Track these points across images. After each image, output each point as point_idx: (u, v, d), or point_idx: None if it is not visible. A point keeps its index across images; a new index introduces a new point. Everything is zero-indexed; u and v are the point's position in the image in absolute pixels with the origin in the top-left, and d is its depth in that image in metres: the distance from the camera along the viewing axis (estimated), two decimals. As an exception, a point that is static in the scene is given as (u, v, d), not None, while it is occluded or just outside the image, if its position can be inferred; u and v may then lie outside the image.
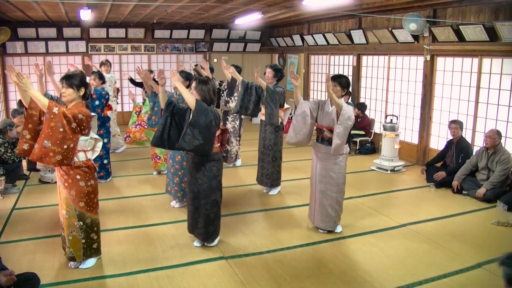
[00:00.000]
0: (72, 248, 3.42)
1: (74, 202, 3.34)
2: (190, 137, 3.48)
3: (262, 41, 11.81)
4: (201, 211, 3.77)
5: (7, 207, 4.94)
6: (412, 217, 4.65)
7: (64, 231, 3.43)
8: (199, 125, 3.48)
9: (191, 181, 3.78)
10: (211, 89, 3.65)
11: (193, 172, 3.74)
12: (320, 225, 4.21)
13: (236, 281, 3.33)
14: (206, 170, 3.70)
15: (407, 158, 7.10)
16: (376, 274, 3.44)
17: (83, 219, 3.38)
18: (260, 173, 5.46)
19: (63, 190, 3.35)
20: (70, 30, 9.97)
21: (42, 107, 3.08)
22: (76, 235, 3.40)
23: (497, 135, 5.21)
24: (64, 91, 3.25)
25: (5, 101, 9.67)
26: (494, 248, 3.91)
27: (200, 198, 3.75)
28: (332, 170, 4.06)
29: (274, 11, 7.42)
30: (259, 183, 5.54)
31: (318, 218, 4.19)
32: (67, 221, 3.37)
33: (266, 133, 5.30)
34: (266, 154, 5.34)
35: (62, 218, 3.41)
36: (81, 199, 3.34)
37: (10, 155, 5.41)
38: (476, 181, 5.37)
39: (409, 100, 7.23)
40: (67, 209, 3.36)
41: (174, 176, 4.86)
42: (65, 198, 3.35)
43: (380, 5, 6.68)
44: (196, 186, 3.73)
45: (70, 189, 3.32)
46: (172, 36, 10.83)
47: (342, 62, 9.07)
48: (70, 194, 3.33)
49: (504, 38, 5.36)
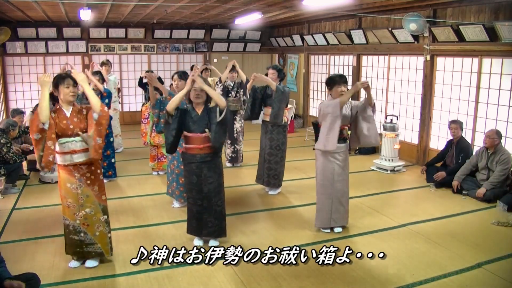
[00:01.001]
0: (100, 244, 3.46)
1: (97, 197, 3.43)
2: (219, 134, 3.64)
3: (262, 41, 11.81)
4: (212, 209, 3.81)
5: (7, 207, 4.94)
6: (412, 217, 4.65)
7: (87, 231, 3.41)
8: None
9: (199, 182, 3.77)
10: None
11: (203, 172, 3.75)
12: (343, 223, 4.28)
13: (236, 281, 3.33)
14: (216, 167, 3.79)
15: (407, 158, 7.10)
16: (376, 274, 3.44)
17: (106, 212, 3.50)
18: (266, 174, 5.41)
19: (85, 189, 3.36)
20: (70, 30, 9.97)
21: (94, 104, 3.26)
22: (103, 230, 3.47)
23: (496, 135, 5.21)
24: (73, 90, 3.33)
25: (5, 101, 9.67)
26: (494, 248, 3.91)
27: (211, 197, 3.79)
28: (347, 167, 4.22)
29: (274, 11, 7.42)
30: (264, 184, 5.49)
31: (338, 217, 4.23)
32: (93, 218, 3.41)
33: (273, 133, 5.30)
34: (274, 155, 5.34)
35: (83, 218, 3.37)
36: (103, 193, 3.48)
37: (12, 155, 5.41)
38: (476, 181, 5.37)
39: (409, 100, 7.23)
40: (91, 206, 3.39)
41: (179, 177, 4.83)
42: (88, 196, 3.38)
43: (380, 5, 6.68)
44: (207, 185, 3.76)
45: (93, 185, 3.41)
46: (172, 36, 10.83)
47: (342, 62, 9.07)
48: (94, 190, 3.41)
49: (504, 38, 5.36)
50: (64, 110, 3.34)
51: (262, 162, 5.45)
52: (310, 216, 4.68)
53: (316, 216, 4.27)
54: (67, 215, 3.40)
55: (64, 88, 3.28)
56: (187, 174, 3.84)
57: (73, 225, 3.40)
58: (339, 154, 4.10)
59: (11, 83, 9.82)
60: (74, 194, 3.35)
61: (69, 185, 3.34)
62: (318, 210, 4.26)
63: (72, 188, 3.34)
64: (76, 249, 3.47)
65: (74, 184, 3.34)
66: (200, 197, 3.79)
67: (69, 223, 3.41)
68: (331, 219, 4.21)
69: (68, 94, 3.30)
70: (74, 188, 3.35)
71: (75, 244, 3.45)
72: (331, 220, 4.21)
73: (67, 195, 3.36)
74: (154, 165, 6.29)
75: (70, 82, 3.30)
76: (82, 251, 3.47)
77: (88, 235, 3.43)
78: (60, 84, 3.29)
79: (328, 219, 4.22)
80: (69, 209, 3.38)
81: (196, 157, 3.74)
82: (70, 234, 3.43)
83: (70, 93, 3.30)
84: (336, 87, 4.04)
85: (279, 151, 5.33)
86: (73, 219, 3.39)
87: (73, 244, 3.45)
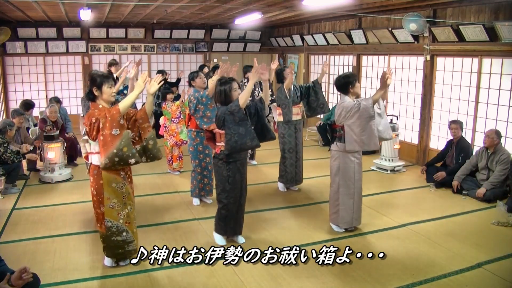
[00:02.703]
0: (136, 241, 3.51)
1: (133, 194, 3.50)
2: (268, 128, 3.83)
3: (262, 41, 11.81)
4: (243, 207, 3.95)
5: (7, 207, 4.94)
6: (412, 217, 4.65)
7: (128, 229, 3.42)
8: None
9: (240, 180, 3.82)
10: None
11: (243, 168, 3.84)
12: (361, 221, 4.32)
13: (236, 281, 3.33)
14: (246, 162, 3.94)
15: (407, 158, 7.10)
16: (376, 274, 3.44)
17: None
18: (299, 172, 5.53)
19: (127, 186, 3.38)
20: (70, 30, 9.97)
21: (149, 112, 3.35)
22: (136, 227, 3.54)
23: (496, 135, 5.21)
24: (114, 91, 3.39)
25: (5, 101, 9.67)
26: (494, 248, 3.91)
27: (245, 194, 3.94)
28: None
29: (274, 11, 7.42)
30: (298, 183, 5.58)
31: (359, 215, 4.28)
32: (132, 215, 3.45)
33: (301, 130, 5.48)
34: (300, 152, 5.50)
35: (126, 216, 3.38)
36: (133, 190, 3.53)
37: (9, 155, 5.41)
38: (476, 181, 5.37)
39: (409, 100, 7.23)
40: (131, 204, 3.44)
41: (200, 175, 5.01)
42: (129, 194, 3.42)
43: (380, 5, 6.68)
44: (244, 183, 3.88)
45: (131, 182, 3.49)
46: (172, 36, 10.83)
47: (342, 62, 9.07)
48: (132, 187, 3.48)
49: (504, 38, 5.36)
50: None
51: (294, 163, 5.45)
52: (310, 216, 4.69)
53: (340, 218, 4.23)
54: (109, 217, 3.33)
55: (107, 88, 3.27)
56: (231, 174, 3.76)
57: (117, 226, 3.37)
58: (358, 153, 4.14)
59: (11, 83, 9.81)
60: (119, 194, 3.34)
61: (114, 185, 3.31)
62: (341, 211, 4.21)
63: (117, 187, 3.33)
64: (118, 251, 3.45)
65: (120, 183, 3.33)
66: (239, 195, 3.85)
67: (112, 224, 3.35)
68: (353, 218, 4.23)
69: (111, 94, 3.30)
70: (120, 187, 3.34)
71: (117, 245, 3.42)
72: (353, 219, 4.24)
73: (111, 195, 3.31)
74: (177, 164, 6.38)
75: (112, 83, 3.31)
76: (123, 251, 3.46)
77: (129, 233, 3.44)
78: (104, 84, 3.26)
79: (351, 219, 4.23)
80: (112, 210, 3.33)
81: (241, 155, 3.81)
82: (113, 236, 3.37)
83: (112, 93, 3.31)
84: (357, 84, 4.07)
85: (302, 147, 5.57)
86: (117, 219, 3.36)
87: (115, 246, 3.42)
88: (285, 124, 5.37)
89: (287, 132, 5.37)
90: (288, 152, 5.42)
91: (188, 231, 4.27)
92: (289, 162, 5.44)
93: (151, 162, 3.57)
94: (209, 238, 4.07)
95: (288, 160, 5.44)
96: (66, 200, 5.18)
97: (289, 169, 5.46)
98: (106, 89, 3.26)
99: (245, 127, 3.59)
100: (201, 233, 4.22)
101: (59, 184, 5.91)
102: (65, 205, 5.04)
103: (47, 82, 10.09)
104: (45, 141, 6.04)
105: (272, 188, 5.65)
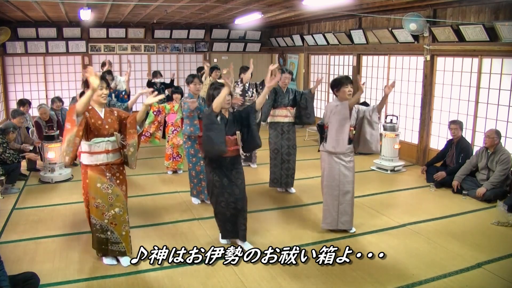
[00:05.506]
0: (125, 243, 3.50)
1: (125, 196, 3.50)
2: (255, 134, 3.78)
3: (262, 41, 11.81)
4: (243, 211, 3.83)
5: (7, 207, 4.94)
6: (412, 217, 4.65)
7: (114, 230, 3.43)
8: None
9: (229, 185, 3.75)
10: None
11: (232, 174, 3.76)
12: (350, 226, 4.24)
13: (236, 281, 3.33)
14: (240, 168, 3.84)
15: (407, 158, 7.10)
16: (376, 274, 3.44)
17: (128, 212, 3.54)
18: (285, 175, 5.44)
19: (115, 188, 3.39)
20: (70, 30, 9.97)
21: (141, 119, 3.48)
22: (127, 229, 3.52)
23: (496, 135, 5.21)
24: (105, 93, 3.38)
25: (5, 101, 9.67)
26: (494, 248, 3.91)
27: (243, 198, 3.82)
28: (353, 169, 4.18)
29: (274, 11, 7.42)
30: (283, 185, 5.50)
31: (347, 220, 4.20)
32: (121, 218, 3.45)
33: (290, 133, 5.38)
34: (292, 154, 5.41)
35: (111, 217, 3.40)
36: (127, 192, 3.53)
37: (8, 155, 5.41)
38: (476, 181, 5.37)
39: (409, 100, 7.23)
40: (120, 206, 3.43)
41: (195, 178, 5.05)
42: (118, 196, 3.42)
43: (380, 5, 6.68)
44: (237, 187, 3.78)
45: (122, 185, 3.48)
46: (172, 36, 10.83)
47: (342, 62, 9.07)
48: (123, 190, 3.47)
49: (504, 38, 5.36)
50: (97, 111, 3.37)
51: (280, 164, 5.41)
52: (310, 216, 4.70)
53: (323, 217, 4.25)
54: (94, 215, 3.41)
55: (98, 89, 3.27)
56: (217, 178, 3.75)
57: (101, 224, 3.42)
58: (345, 155, 4.10)
59: (11, 83, 9.82)
60: (105, 194, 3.36)
61: (99, 185, 3.34)
62: (324, 211, 4.23)
63: (102, 188, 3.35)
64: (102, 246, 3.51)
65: (105, 184, 3.36)
66: (232, 200, 3.76)
67: (96, 222, 3.42)
68: (338, 221, 4.19)
69: (101, 96, 3.32)
70: (105, 188, 3.36)
71: (100, 241, 3.49)
72: (338, 222, 4.19)
73: (96, 195, 3.35)
74: (170, 164, 6.34)
75: (104, 85, 3.33)
76: (106, 248, 3.50)
77: (115, 234, 3.45)
78: None
79: (335, 221, 4.19)
80: (97, 209, 3.38)
81: (225, 160, 3.72)
82: (97, 232, 3.46)
83: (103, 95, 3.33)
84: (343, 88, 4.02)
85: (294, 149, 5.44)
86: (101, 219, 3.40)
87: (99, 241, 3.49)
88: (271, 125, 5.41)
89: (273, 133, 5.40)
90: (272, 152, 5.44)
91: (188, 231, 4.27)
92: (273, 163, 5.45)
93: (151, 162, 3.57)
94: (209, 238, 4.08)
95: (272, 161, 5.46)
96: (66, 200, 5.18)
97: (273, 169, 5.47)
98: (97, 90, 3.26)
99: (215, 131, 3.58)
100: (201, 233, 4.22)
101: (59, 184, 5.91)
102: (65, 205, 5.04)
103: (47, 82, 10.10)
104: (45, 141, 6.04)
105: (272, 188, 5.65)
